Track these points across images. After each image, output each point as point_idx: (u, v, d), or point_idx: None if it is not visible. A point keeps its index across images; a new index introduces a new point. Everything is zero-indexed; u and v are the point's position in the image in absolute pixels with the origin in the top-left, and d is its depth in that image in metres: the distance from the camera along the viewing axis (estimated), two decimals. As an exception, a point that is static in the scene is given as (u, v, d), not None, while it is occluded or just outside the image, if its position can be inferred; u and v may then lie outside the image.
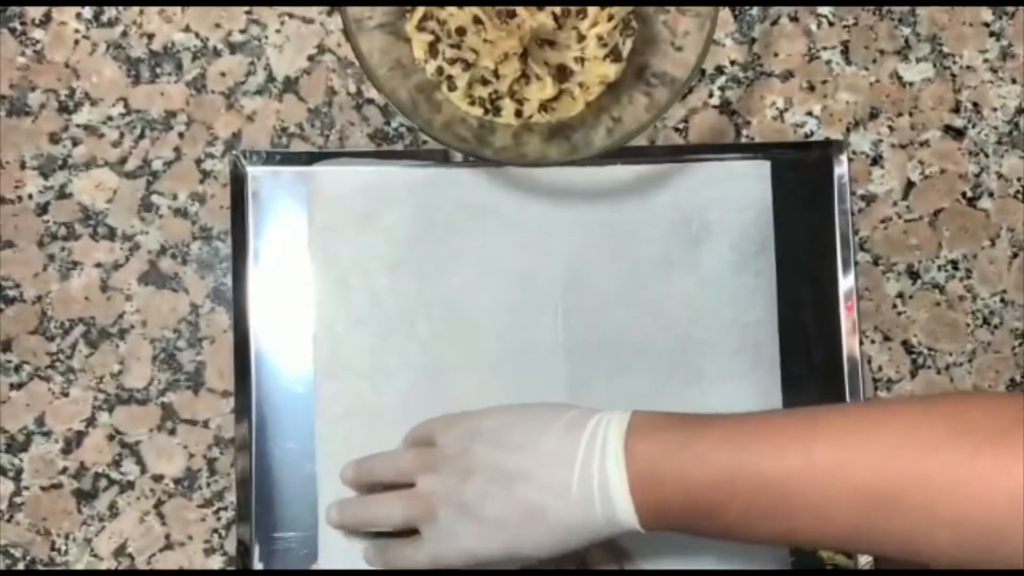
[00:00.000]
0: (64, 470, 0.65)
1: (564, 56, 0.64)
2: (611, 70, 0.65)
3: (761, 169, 0.67)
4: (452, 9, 0.62)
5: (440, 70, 0.64)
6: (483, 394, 0.65)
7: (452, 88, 0.64)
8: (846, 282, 0.67)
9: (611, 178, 0.66)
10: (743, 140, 0.68)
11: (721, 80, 0.68)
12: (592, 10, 0.64)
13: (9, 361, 0.65)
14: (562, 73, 0.64)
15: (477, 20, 0.62)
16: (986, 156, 0.68)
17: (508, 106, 0.64)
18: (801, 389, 0.66)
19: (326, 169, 0.66)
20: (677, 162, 0.67)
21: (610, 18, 0.64)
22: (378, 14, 0.61)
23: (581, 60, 0.65)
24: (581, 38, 0.64)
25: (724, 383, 0.66)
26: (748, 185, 0.67)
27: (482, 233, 0.66)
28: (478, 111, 0.64)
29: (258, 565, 0.64)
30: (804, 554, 0.65)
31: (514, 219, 0.66)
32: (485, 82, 0.64)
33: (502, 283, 0.66)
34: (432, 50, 0.63)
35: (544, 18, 0.62)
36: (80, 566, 0.64)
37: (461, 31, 0.62)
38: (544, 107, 0.64)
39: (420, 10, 0.63)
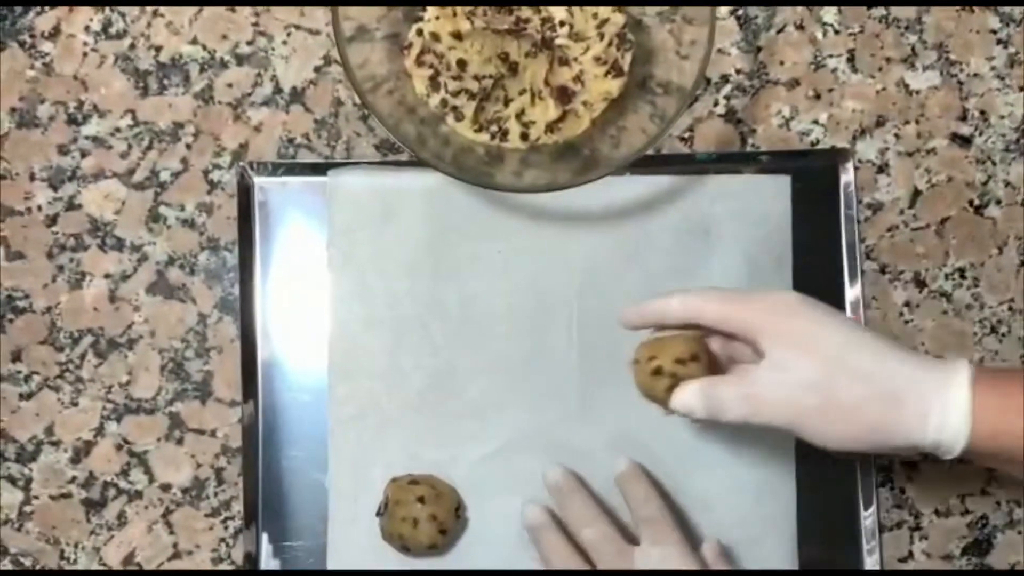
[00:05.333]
0: (73, 479, 0.65)
1: (563, 77, 0.64)
2: (614, 86, 0.64)
3: (780, 184, 0.67)
4: (449, 41, 0.62)
5: (444, 102, 0.64)
6: (495, 398, 0.65)
7: (459, 118, 0.64)
8: (853, 291, 0.67)
9: (626, 188, 0.66)
10: (749, 149, 0.68)
11: (727, 89, 0.68)
12: (581, 30, 0.64)
13: (19, 371, 0.66)
14: (563, 94, 0.64)
15: (457, 35, 0.62)
16: (993, 164, 0.68)
17: (515, 129, 0.64)
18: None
19: (347, 171, 0.66)
20: (692, 173, 0.67)
21: (601, 37, 0.64)
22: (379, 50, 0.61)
23: (580, 80, 0.64)
24: (574, 60, 0.64)
25: None
26: (767, 199, 0.67)
27: (497, 239, 0.66)
28: (485, 137, 0.64)
29: (265, 574, 0.64)
30: (811, 559, 0.66)
31: (529, 225, 0.66)
32: (487, 96, 0.64)
33: (516, 288, 0.66)
34: (433, 84, 0.64)
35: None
36: (89, 575, 0.65)
37: (462, 64, 0.62)
38: (550, 128, 0.64)
39: (417, 45, 0.63)
